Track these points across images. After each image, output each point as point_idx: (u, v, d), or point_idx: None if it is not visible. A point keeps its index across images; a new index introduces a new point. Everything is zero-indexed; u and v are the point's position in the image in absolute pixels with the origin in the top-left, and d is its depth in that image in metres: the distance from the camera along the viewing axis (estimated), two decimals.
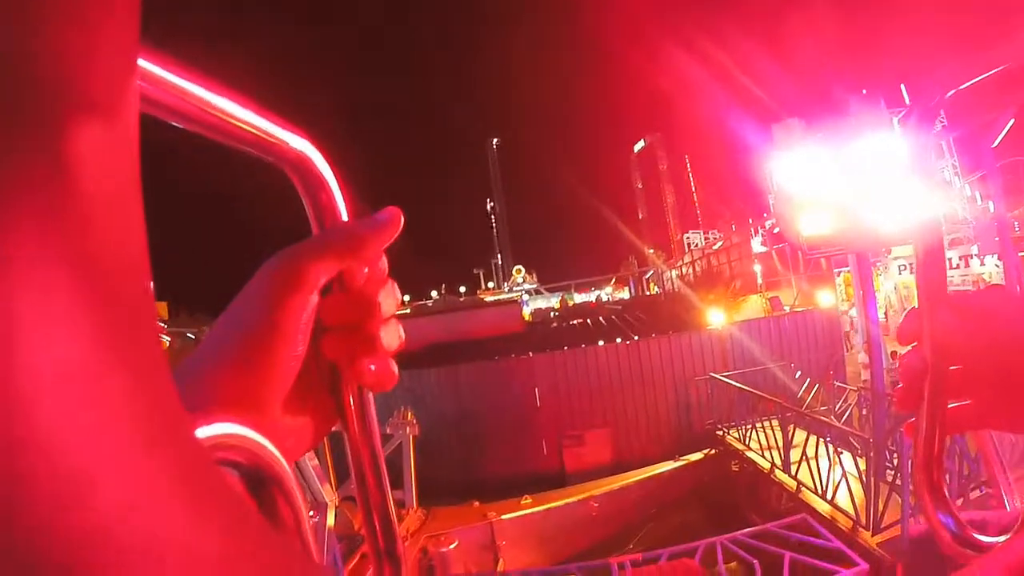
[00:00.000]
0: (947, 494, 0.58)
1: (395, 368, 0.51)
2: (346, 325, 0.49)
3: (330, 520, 8.37)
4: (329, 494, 8.42)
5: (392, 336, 0.51)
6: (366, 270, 0.49)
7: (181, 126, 0.37)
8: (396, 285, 0.52)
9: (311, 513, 8.00)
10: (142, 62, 0.32)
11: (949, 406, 0.59)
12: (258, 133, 0.43)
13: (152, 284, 0.24)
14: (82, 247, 0.20)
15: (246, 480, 0.43)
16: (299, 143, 0.46)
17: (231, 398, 0.44)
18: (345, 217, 0.50)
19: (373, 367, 0.50)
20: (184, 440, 0.23)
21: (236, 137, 0.41)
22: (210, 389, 0.44)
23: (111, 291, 0.21)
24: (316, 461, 8.58)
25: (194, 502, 0.22)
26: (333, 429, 0.53)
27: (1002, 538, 0.52)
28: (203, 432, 0.37)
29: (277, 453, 0.43)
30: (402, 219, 0.50)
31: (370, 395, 0.52)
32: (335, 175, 0.49)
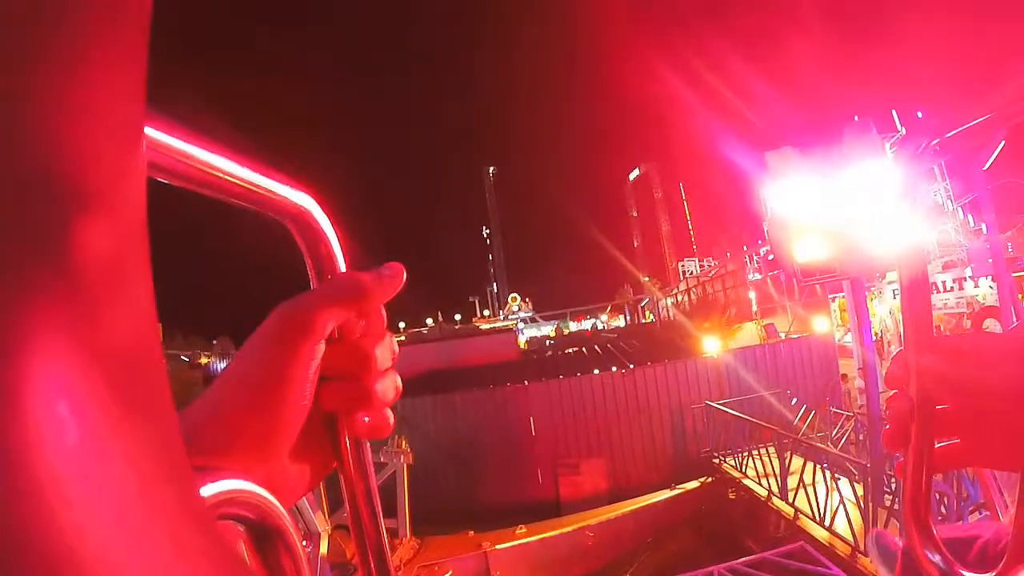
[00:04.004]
0: (935, 532, 0.59)
1: (391, 418, 0.52)
2: (342, 376, 0.50)
3: (323, 548, 8.32)
4: (322, 523, 8.38)
5: (388, 388, 0.51)
6: (363, 323, 0.50)
7: (180, 186, 0.38)
8: (393, 338, 0.53)
9: (304, 543, 7.95)
10: None
11: (937, 445, 0.60)
12: (257, 190, 0.43)
13: (164, 359, 0.25)
14: (93, 338, 0.20)
15: (252, 534, 0.44)
16: (299, 197, 0.47)
17: (243, 444, 0.45)
18: (343, 268, 0.51)
19: (367, 419, 0.51)
20: (190, 509, 0.23)
21: (235, 194, 0.42)
22: (223, 436, 0.45)
23: (124, 374, 0.21)
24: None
25: (198, 571, 0.22)
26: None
27: None
28: (213, 489, 0.38)
29: (281, 507, 0.44)
30: (404, 275, 0.51)
31: (366, 441, 0.53)
32: (334, 227, 0.50)
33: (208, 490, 0.38)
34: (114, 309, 0.21)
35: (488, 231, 77.53)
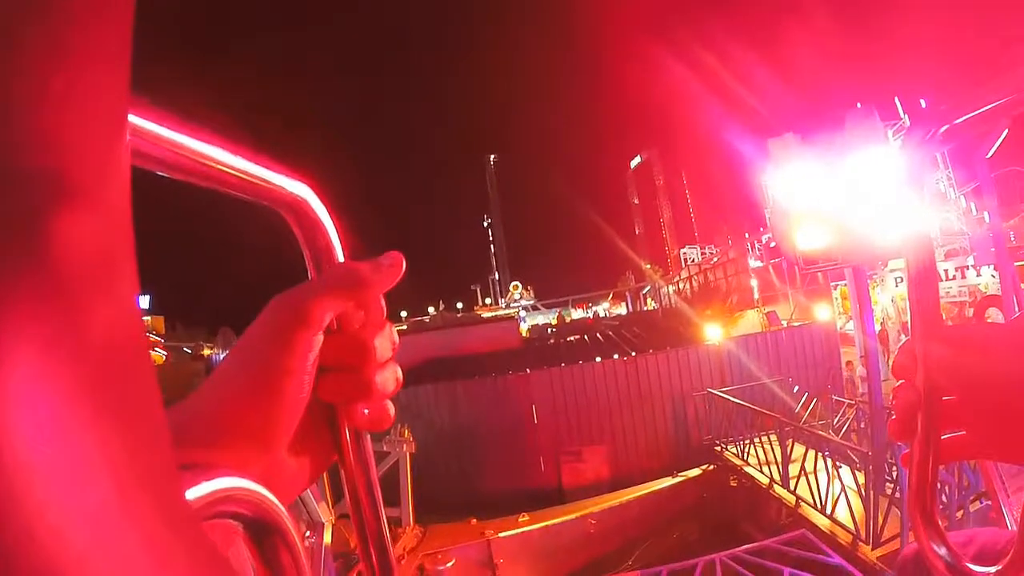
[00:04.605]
0: (940, 524, 0.59)
1: (391, 409, 0.52)
2: (341, 367, 0.49)
3: (327, 538, 8.34)
4: (325, 513, 8.40)
5: (388, 380, 0.51)
6: (362, 314, 0.50)
7: (173, 177, 0.38)
8: (393, 329, 0.53)
9: (308, 533, 7.99)
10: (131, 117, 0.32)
11: (943, 437, 0.59)
12: (252, 180, 0.43)
13: (150, 353, 0.24)
14: (72, 334, 0.20)
15: (249, 531, 0.43)
16: (294, 187, 0.47)
17: (241, 437, 0.45)
18: (341, 258, 0.51)
19: (367, 410, 0.51)
20: (171, 512, 0.23)
21: (230, 185, 0.41)
22: (221, 428, 0.45)
23: (105, 372, 0.21)
24: None
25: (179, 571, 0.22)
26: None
27: (993, 569, 0.53)
28: (208, 487, 0.38)
29: (278, 503, 0.44)
30: (404, 265, 0.51)
31: (366, 432, 0.52)
32: (332, 216, 0.50)
33: (203, 488, 0.37)
34: (95, 303, 0.21)
35: (488, 221, 77.45)
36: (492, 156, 76.96)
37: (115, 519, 0.20)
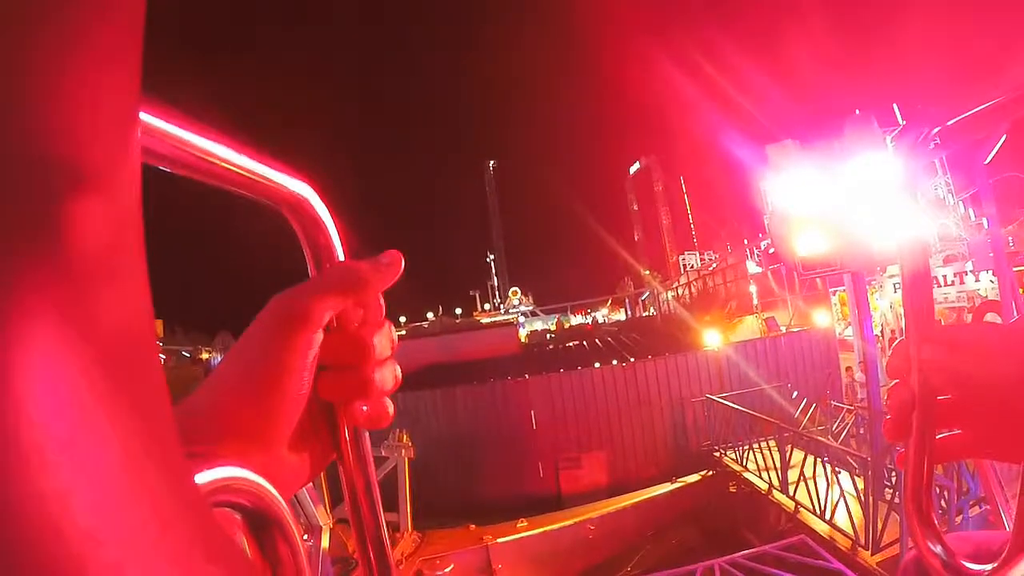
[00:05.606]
0: (936, 523, 0.59)
1: (390, 407, 0.52)
2: (341, 366, 0.50)
3: (324, 542, 8.32)
4: (323, 517, 8.38)
5: (387, 378, 0.51)
6: (362, 312, 0.50)
7: (176, 173, 0.38)
8: (392, 327, 0.53)
9: (305, 536, 7.97)
10: None
11: (939, 436, 0.60)
12: (254, 177, 0.43)
13: (159, 345, 0.25)
14: (83, 320, 0.20)
15: (248, 522, 0.43)
16: (296, 185, 0.47)
17: (241, 434, 0.45)
18: (342, 257, 0.51)
19: (366, 408, 0.51)
20: (185, 497, 0.23)
21: (232, 182, 0.42)
22: (221, 425, 0.45)
23: (115, 357, 0.21)
24: (310, 484, 8.54)
25: (190, 556, 0.22)
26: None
27: (989, 567, 0.53)
28: (209, 476, 0.38)
29: (278, 496, 0.44)
30: (402, 263, 0.51)
31: (365, 431, 0.53)
32: (332, 215, 0.50)
33: (204, 477, 0.38)
34: (106, 292, 0.21)
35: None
36: (492, 162, 76.93)
37: (126, 497, 0.20)
